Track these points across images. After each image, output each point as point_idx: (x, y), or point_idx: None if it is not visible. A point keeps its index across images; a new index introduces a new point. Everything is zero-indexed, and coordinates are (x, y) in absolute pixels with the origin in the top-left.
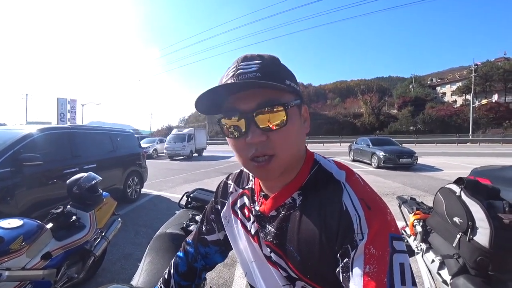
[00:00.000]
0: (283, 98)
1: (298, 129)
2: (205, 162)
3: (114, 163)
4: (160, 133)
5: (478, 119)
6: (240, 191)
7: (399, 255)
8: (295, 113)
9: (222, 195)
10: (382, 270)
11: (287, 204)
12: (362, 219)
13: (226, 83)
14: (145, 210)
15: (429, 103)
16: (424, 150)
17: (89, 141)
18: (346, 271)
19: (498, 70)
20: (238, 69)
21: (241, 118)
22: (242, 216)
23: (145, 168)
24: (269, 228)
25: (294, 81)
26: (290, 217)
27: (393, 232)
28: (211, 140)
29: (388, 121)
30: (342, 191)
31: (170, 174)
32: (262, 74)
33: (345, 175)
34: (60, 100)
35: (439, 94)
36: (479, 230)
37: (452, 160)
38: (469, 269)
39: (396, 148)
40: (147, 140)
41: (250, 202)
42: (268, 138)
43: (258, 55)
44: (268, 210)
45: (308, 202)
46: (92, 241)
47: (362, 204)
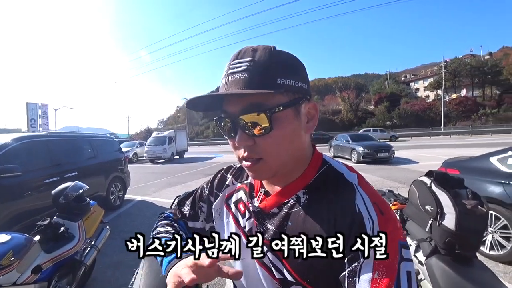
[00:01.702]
0: (269, 101)
1: (291, 132)
2: (188, 164)
3: (95, 170)
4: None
5: (449, 112)
6: (238, 185)
7: (406, 263)
8: (286, 116)
9: (217, 187)
10: (391, 277)
11: (290, 202)
12: (376, 224)
13: (203, 95)
14: (130, 216)
15: (403, 98)
16: (401, 144)
17: (69, 149)
18: (353, 276)
19: (466, 66)
20: (229, 68)
21: (228, 121)
22: (236, 211)
23: (128, 173)
24: (268, 225)
25: (291, 76)
26: (293, 216)
27: (402, 239)
28: (191, 142)
29: (366, 117)
30: (355, 193)
31: (152, 178)
32: (249, 74)
33: (357, 178)
34: (30, 105)
35: (413, 89)
36: (446, 216)
37: (427, 152)
38: (440, 250)
39: (374, 143)
40: (126, 144)
41: (247, 197)
42: (255, 142)
43: (253, 49)
44: (269, 207)
45: (314, 201)
46: (82, 251)
47: (376, 209)
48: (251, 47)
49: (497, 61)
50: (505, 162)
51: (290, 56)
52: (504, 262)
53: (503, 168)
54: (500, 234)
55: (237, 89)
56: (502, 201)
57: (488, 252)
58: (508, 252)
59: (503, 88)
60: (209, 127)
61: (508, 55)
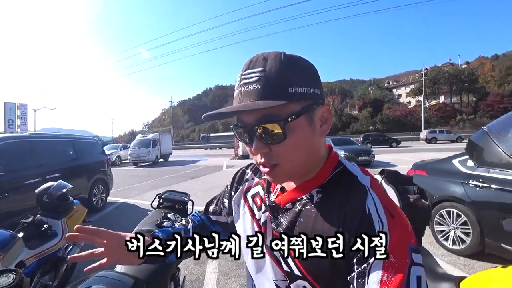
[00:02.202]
0: (283, 111)
1: (306, 138)
2: (172, 167)
3: (78, 171)
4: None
5: (429, 118)
6: (257, 180)
7: (417, 268)
8: (300, 124)
9: (238, 181)
10: (400, 280)
11: (304, 199)
12: (385, 226)
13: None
14: (112, 218)
15: (386, 104)
16: (382, 148)
17: (51, 150)
18: (362, 276)
19: (445, 74)
20: (242, 78)
21: (245, 130)
22: (253, 203)
23: (110, 175)
24: (281, 219)
25: (303, 83)
26: (305, 213)
27: (413, 244)
28: (177, 145)
29: (350, 121)
30: (367, 195)
31: (136, 181)
32: (262, 85)
33: (370, 180)
34: (8, 104)
35: (395, 95)
36: None
37: (406, 156)
38: None
39: (355, 147)
40: (109, 146)
41: (264, 192)
42: (271, 150)
43: (263, 57)
44: (284, 202)
45: (327, 200)
46: (64, 248)
47: (386, 212)
48: (262, 56)
49: (474, 70)
50: (465, 164)
51: (301, 61)
52: (465, 256)
53: (463, 169)
54: (461, 230)
55: (250, 100)
56: (462, 199)
57: (451, 246)
58: (468, 246)
59: (479, 95)
60: (194, 131)
61: (483, 65)
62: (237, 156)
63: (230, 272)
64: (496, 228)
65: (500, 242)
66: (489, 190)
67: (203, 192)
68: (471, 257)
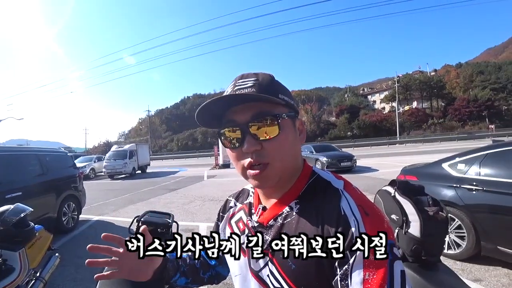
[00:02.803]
0: (276, 110)
1: (292, 140)
2: (150, 179)
3: (44, 188)
4: (97, 150)
5: (403, 123)
6: (239, 206)
7: (399, 262)
8: (288, 124)
9: (223, 210)
10: (382, 277)
11: (284, 213)
12: (361, 223)
13: (223, 96)
14: (85, 239)
15: (362, 110)
16: (361, 153)
17: (12, 165)
18: (345, 279)
19: (415, 81)
20: (236, 85)
21: (237, 129)
22: (237, 229)
23: (83, 191)
24: (266, 237)
25: (288, 95)
26: (287, 225)
27: (391, 239)
28: (154, 155)
29: (328, 128)
30: (340, 197)
31: (111, 195)
32: (257, 89)
33: (343, 184)
34: None
35: (371, 102)
36: (411, 223)
37: (385, 160)
38: (407, 257)
39: (337, 153)
40: (82, 158)
41: (246, 216)
42: (263, 147)
43: (254, 73)
44: (266, 220)
45: (304, 209)
46: (24, 285)
47: (360, 210)
48: (252, 72)
49: (441, 77)
50: (455, 167)
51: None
52: (461, 260)
53: (454, 173)
54: (455, 234)
55: (246, 102)
56: (455, 203)
57: (446, 251)
58: (464, 250)
59: (447, 100)
60: (173, 140)
61: (449, 72)
62: (218, 165)
63: None
64: (492, 231)
65: (496, 245)
66: (482, 192)
67: (184, 205)
68: (468, 261)
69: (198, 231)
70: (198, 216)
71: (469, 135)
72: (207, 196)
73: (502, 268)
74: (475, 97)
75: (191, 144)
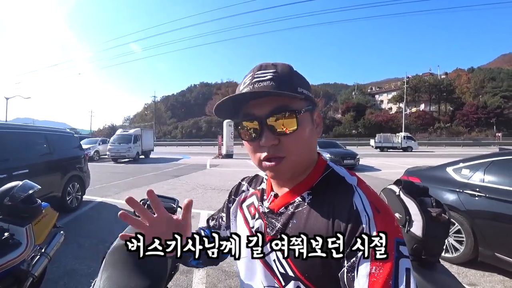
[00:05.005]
0: (294, 104)
1: (309, 133)
2: (153, 164)
3: (50, 167)
4: (102, 132)
5: (409, 124)
6: (252, 191)
7: (405, 260)
8: (306, 118)
9: (235, 193)
10: (388, 272)
11: (296, 202)
12: (371, 220)
13: (244, 92)
14: (88, 219)
15: (369, 109)
16: (365, 152)
17: (20, 143)
18: (352, 271)
19: (425, 83)
20: (254, 77)
21: (256, 123)
22: (248, 213)
23: (87, 172)
24: (276, 223)
25: (307, 87)
26: (298, 214)
27: (399, 237)
28: (158, 141)
29: (333, 124)
30: (354, 193)
31: (115, 178)
32: (276, 82)
33: (357, 180)
34: None
35: (378, 101)
36: (414, 223)
37: (388, 160)
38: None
39: (341, 151)
40: (87, 140)
41: (258, 202)
42: (280, 141)
43: (273, 64)
44: (277, 207)
45: (317, 200)
46: (30, 259)
47: (372, 207)
48: (271, 63)
49: (451, 81)
50: (459, 172)
51: (301, 74)
52: (457, 264)
53: (458, 177)
54: (454, 238)
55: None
56: (456, 208)
57: (444, 254)
58: (461, 254)
59: (456, 105)
60: (177, 127)
61: (460, 76)
62: (221, 155)
63: (219, 283)
64: (490, 237)
65: (494, 251)
66: (485, 199)
67: (186, 192)
68: (464, 265)
69: (199, 218)
70: (199, 204)
71: (474, 142)
72: (209, 185)
73: (498, 274)
74: (484, 103)
75: (195, 132)
